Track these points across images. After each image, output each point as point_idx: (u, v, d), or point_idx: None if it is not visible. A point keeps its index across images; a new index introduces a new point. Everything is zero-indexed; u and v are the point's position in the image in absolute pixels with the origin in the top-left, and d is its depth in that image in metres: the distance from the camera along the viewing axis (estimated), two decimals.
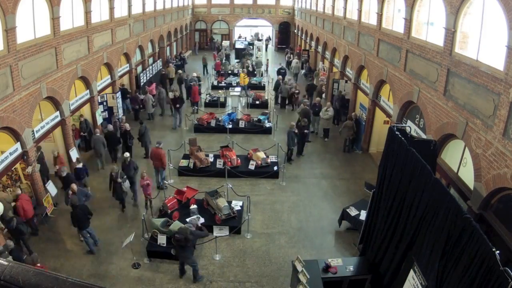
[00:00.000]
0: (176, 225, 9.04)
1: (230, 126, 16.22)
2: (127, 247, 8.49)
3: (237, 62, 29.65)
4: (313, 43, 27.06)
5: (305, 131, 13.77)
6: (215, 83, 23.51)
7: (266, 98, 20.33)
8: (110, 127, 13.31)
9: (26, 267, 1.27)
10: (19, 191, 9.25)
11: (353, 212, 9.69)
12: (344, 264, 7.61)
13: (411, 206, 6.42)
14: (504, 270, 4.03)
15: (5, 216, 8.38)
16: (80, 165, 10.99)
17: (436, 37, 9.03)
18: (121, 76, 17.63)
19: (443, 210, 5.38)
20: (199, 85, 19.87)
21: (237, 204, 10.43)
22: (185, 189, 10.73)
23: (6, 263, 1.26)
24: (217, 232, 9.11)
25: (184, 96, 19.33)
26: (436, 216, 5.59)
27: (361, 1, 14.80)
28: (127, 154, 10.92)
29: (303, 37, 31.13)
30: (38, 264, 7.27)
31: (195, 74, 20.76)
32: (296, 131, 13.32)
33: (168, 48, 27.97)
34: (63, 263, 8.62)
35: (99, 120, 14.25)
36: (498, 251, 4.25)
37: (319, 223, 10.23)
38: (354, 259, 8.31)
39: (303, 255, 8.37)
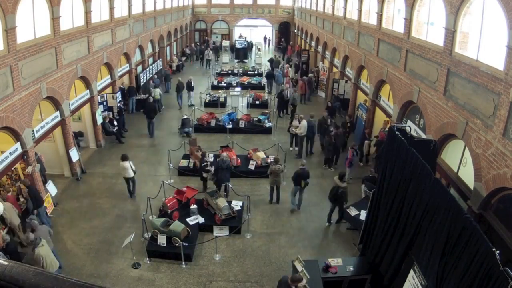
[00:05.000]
0: (176, 225, 9.05)
1: (230, 126, 16.21)
2: (127, 247, 8.50)
3: (237, 62, 29.69)
4: (313, 43, 27.08)
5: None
6: (215, 83, 23.51)
7: (266, 98, 20.34)
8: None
9: (26, 267, 1.27)
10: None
11: (353, 212, 9.70)
12: (344, 264, 7.61)
13: (411, 206, 6.42)
14: (504, 270, 4.02)
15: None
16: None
17: (436, 37, 9.03)
18: (121, 76, 17.63)
19: (443, 210, 5.38)
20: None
21: (237, 204, 10.42)
22: (185, 189, 10.73)
23: (6, 263, 1.26)
24: (217, 232, 9.12)
25: None
26: (436, 216, 5.59)
27: (361, 1, 14.80)
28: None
29: (303, 37, 31.14)
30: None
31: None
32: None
33: (168, 48, 27.99)
34: (63, 263, 8.62)
35: (99, 120, 14.24)
36: (498, 251, 4.24)
37: (319, 223, 10.23)
38: (354, 259, 8.32)
39: (303, 255, 8.37)
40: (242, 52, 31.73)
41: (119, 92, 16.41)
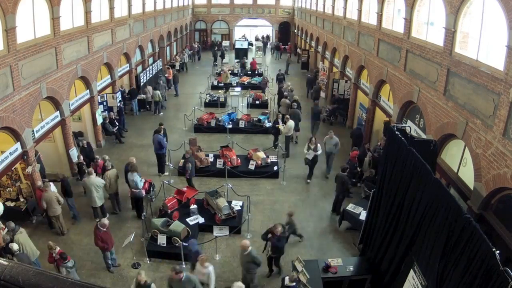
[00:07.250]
0: (176, 225, 9.05)
1: (230, 126, 16.22)
2: (127, 247, 8.50)
3: (236, 62, 29.71)
4: (313, 43, 27.08)
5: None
6: (215, 83, 23.51)
7: (266, 98, 20.35)
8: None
9: (26, 267, 1.27)
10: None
11: (353, 212, 9.69)
12: (344, 264, 7.61)
13: (411, 206, 6.42)
14: (504, 270, 4.02)
15: None
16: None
17: (436, 37, 9.03)
18: (121, 76, 17.64)
19: (443, 210, 5.38)
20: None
21: (237, 204, 10.43)
22: (185, 189, 10.73)
23: (6, 263, 1.26)
24: (217, 232, 9.11)
25: None
26: (436, 216, 5.59)
27: (361, 1, 14.81)
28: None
29: (303, 37, 31.14)
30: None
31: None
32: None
33: (168, 48, 27.99)
34: None
35: (99, 120, 14.24)
36: (498, 251, 4.25)
37: (319, 223, 10.23)
38: (354, 259, 8.32)
39: (303, 255, 8.38)
40: (242, 52, 31.68)
41: (119, 92, 16.41)
